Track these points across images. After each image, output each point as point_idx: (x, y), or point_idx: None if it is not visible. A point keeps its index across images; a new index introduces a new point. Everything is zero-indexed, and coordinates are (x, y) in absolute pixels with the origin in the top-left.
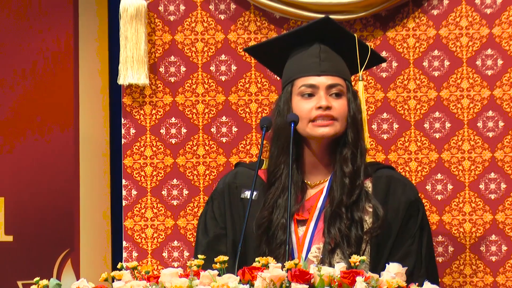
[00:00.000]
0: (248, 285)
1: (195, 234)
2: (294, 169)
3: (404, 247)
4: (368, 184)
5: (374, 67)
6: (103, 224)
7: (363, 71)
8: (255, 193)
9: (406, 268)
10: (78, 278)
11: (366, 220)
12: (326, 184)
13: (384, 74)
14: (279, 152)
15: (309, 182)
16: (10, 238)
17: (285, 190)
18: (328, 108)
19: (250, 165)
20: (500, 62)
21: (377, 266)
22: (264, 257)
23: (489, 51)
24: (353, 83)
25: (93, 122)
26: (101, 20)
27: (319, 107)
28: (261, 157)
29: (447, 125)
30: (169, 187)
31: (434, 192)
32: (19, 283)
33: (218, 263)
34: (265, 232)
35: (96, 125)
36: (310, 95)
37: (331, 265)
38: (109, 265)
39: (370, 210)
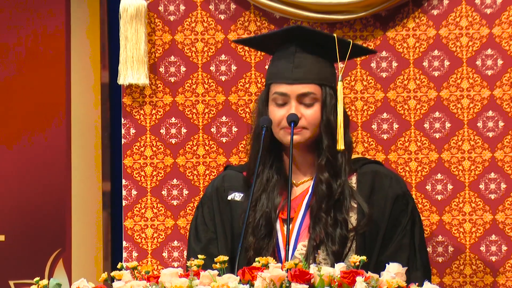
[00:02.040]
0: (248, 285)
1: None
2: (274, 169)
3: (396, 241)
4: (353, 180)
5: (375, 67)
6: (95, 224)
7: (346, 61)
8: (241, 194)
9: (406, 268)
10: (69, 278)
11: (352, 216)
12: (312, 182)
13: (384, 74)
14: (256, 151)
15: (294, 181)
16: (1, 238)
17: (267, 188)
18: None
19: (238, 167)
20: (500, 62)
21: (367, 264)
22: (264, 257)
23: (489, 51)
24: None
25: (85, 122)
26: (93, 15)
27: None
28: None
29: (447, 125)
30: (169, 187)
31: (434, 192)
32: (11, 282)
33: (218, 263)
34: (249, 225)
35: (88, 125)
36: (282, 104)
37: (315, 261)
38: (100, 265)
39: (355, 206)
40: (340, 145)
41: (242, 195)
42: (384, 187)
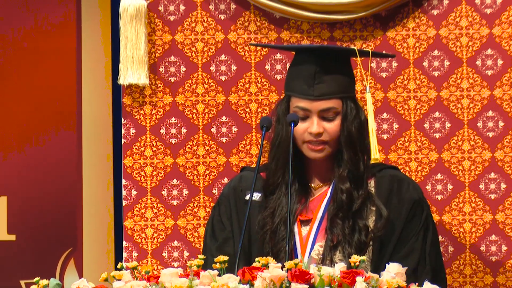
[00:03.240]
0: (248, 285)
1: (195, 234)
2: (295, 173)
3: (408, 244)
4: (371, 184)
5: (374, 68)
6: (106, 223)
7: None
8: (259, 194)
9: (406, 268)
10: (81, 277)
11: (370, 219)
12: (331, 186)
13: (384, 74)
14: (279, 156)
15: (312, 185)
16: (13, 237)
17: (287, 194)
18: (319, 134)
19: (255, 169)
20: (500, 62)
21: (379, 265)
22: (265, 257)
23: (489, 51)
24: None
25: (96, 122)
26: (104, 18)
27: (311, 133)
28: (261, 158)
29: (447, 125)
30: (169, 187)
31: (434, 192)
32: (22, 282)
33: (218, 263)
34: (268, 232)
35: (100, 125)
36: (304, 118)
37: (332, 262)
38: (112, 265)
39: (374, 209)
40: (375, 153)
41: (260, 195)
42: (401, 191)
